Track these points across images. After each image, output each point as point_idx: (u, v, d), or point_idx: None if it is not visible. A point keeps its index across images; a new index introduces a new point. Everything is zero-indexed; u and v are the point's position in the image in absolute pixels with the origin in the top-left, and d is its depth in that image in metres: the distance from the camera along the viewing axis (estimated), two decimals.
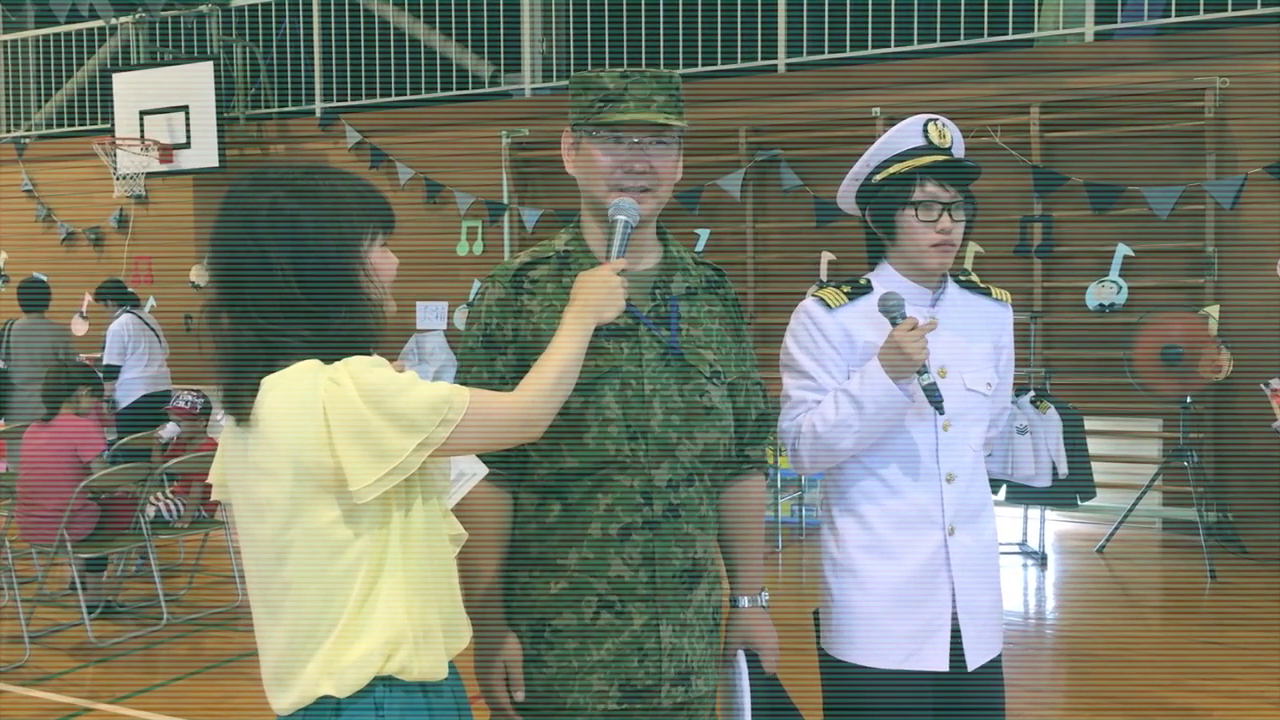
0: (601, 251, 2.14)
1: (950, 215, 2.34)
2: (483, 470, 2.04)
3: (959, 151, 2.44)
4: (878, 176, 2.40)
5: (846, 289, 2.43)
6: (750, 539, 2.30)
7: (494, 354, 2.14)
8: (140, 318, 8.58)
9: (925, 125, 2.39)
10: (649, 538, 2.09)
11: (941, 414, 2.30)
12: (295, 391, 1.70)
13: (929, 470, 2.36)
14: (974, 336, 2.44)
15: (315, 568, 1.72)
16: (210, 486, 1.92)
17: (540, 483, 2.12)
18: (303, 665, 1.73)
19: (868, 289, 2.42)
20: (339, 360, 1.71)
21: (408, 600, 1.74)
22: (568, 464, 2.09)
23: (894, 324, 2.28)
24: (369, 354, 1.76)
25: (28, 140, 11.88)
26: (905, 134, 2.40)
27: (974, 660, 2.37)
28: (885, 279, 2.43)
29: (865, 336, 2.37)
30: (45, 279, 8.68)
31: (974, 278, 2.56)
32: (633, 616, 2.09)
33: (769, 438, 2.34)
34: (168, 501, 5.97)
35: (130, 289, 9.02)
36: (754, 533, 2.31)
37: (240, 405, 1.74)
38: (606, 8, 9.25)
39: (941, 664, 2.34)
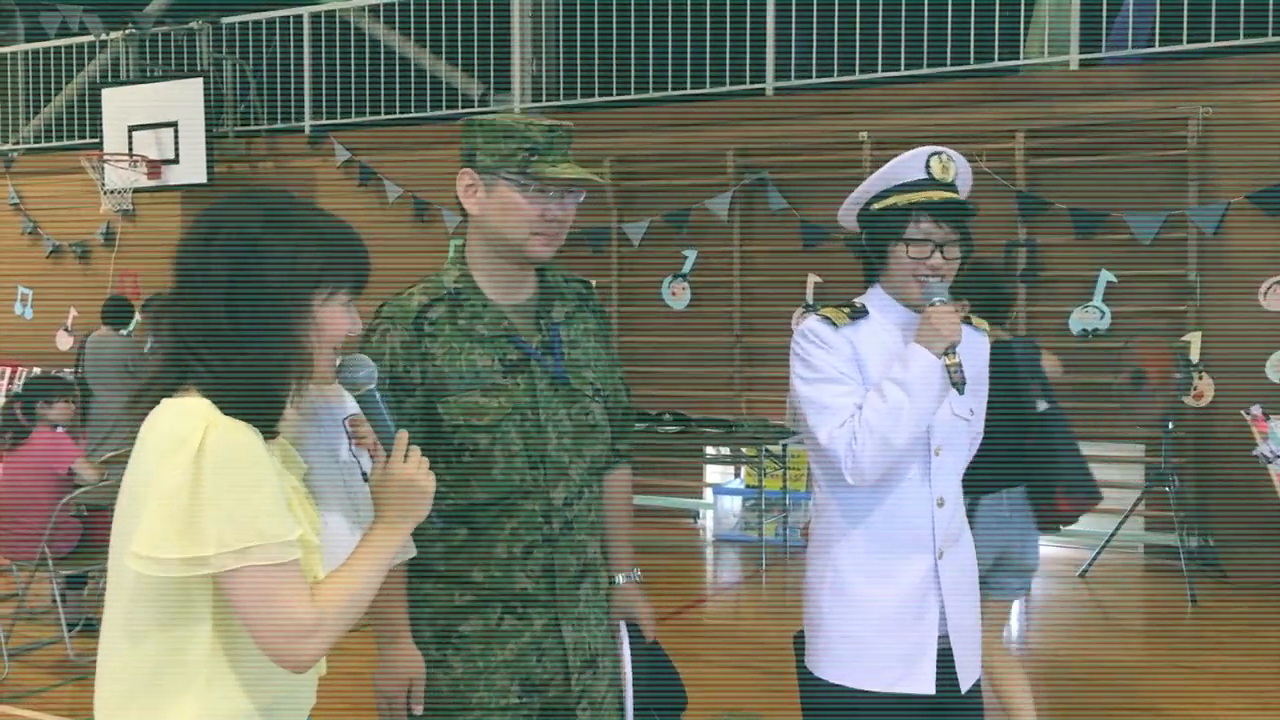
0: (490, 290, 2.24)
1: (942, 253, 2.36)
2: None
3: (964, 184, 2.43)
4: (876, 205, 2.41)
5: (847, 310, 2.45)
6: (623, 524, 2.49)
7: (402, 395, 2.19)
8: None
9: (929, 159, 2.38)
10: (549, 552, 2.25)
11: (961, 394, 2.33)
12: (173, 430, 1.57)
13: (921, 495, 2.37)
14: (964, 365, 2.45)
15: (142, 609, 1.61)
16: None
17: (446, 511, 2.18)
18: (124, 710, 1.62)
19: (864, 313, 2.44)
20: (234, 411, 1.59)
21: (242, 681, 1.63)
22: (477, 496, 2.20)
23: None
24: (270, 422, 1.64)
25: (15, 154, 11.87)
26: (908, 165, 2.39)
27: (966, 681, 2.38)
28: (877, 303, 2.45)
29: (870, 355, 2.38)
30: (129, 299, 8.67)
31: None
32: (533, 619, 2.25)
33: (633, 428, 2.51)
34: None
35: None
36: (625, 518, 2.51)
37: (135, 416, 1.64)
38: (596, 29, 9.29)
39: (929, 687, 2.35)
